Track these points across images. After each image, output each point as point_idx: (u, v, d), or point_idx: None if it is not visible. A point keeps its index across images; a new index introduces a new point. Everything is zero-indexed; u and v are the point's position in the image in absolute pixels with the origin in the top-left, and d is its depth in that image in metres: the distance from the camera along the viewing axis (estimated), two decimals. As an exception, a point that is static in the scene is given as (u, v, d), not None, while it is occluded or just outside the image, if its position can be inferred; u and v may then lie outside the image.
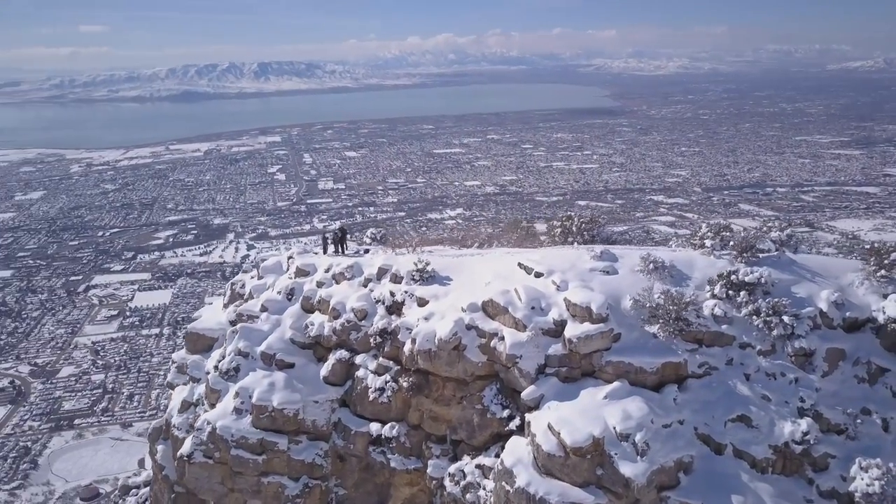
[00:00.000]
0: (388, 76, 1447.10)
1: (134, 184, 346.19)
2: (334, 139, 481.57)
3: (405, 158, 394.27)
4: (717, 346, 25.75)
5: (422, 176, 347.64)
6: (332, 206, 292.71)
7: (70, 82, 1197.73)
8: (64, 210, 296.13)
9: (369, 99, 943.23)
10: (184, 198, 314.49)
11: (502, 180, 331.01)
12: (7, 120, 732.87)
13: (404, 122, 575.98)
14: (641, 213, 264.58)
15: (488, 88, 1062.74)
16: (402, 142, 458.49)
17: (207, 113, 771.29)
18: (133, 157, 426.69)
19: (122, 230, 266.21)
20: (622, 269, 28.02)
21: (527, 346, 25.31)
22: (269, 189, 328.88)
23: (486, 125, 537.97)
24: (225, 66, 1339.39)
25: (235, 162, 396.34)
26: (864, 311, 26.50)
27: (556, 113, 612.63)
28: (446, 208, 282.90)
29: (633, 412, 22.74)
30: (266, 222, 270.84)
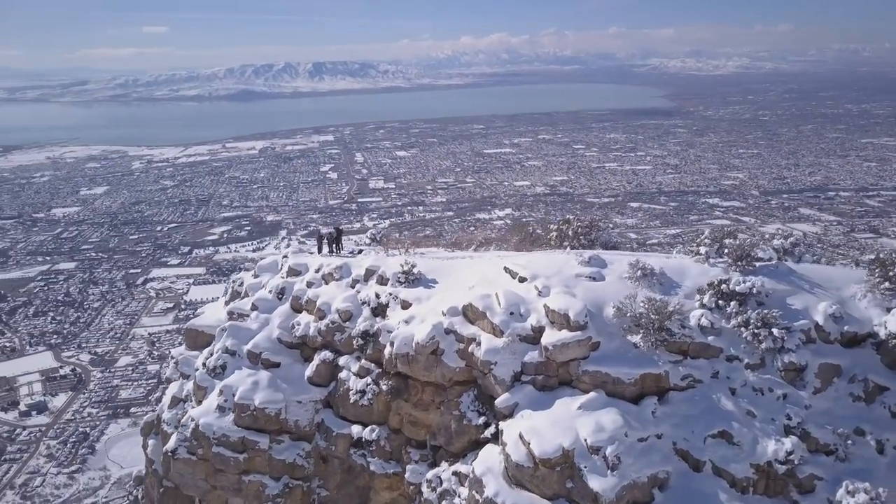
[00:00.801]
0: (441, 76, 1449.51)
1: (191, 180, 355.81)
2: (385, 139, 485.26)
3: (455, 158, 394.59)
4: (702, 359, 24.72)
5: (471, 176, 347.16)
6: (382, 204, 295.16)
7: (133, 82, 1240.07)
8: (125, 205, 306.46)
9: (421, 99, 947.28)
10: (238, 195, 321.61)
11: (553, 181, 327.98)
12: (75, 118, 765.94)
13: (455, 121, 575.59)
14: (695, 216, 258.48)
15: (540, 88, 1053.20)
16: (452, 141, 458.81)
17: (263, 112, 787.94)
18: (191, 154, 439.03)
19: (179, 225, 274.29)
20: (610, 275, 27.20)
21: (502, 352, 24.79)
22: (322, 187, 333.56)
23: (537, 125, 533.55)
24: (281, 65, 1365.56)
25: (289, 160, 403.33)
26: (865, 326, 25.05)
27: (609, 113, 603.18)
28: (495, 208, 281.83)
29: (607, 424, 22.02)
30: (317, 220, 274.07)
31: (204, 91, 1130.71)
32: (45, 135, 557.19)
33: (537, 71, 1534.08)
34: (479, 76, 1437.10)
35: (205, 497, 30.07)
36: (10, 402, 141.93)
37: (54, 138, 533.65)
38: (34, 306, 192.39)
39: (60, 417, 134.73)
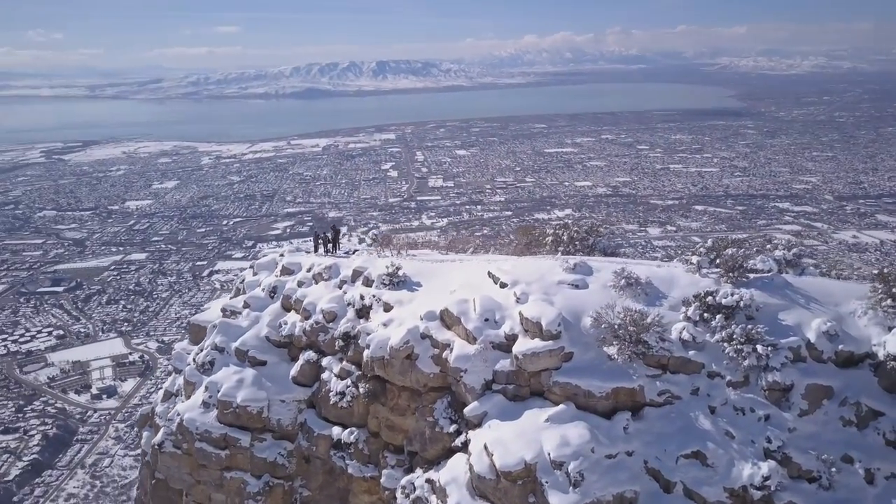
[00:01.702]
0: (503, 75, 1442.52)
1: (257, 176, 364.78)
2: (446, 137, 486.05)
3: (515, 157, 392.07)
4: (682, 374, 23.51)
5: (531, 175, 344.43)
6: (441, 203, 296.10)
7: (205, 80, 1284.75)
8: (194, 199, 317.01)
9: (483, 97, 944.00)
10: (301, 191, 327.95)
11: (615, 181, 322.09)
12: (149, 114, 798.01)
13: (516, 120, 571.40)
14: (764, 221, 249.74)
15: (604, 88, 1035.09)
16: (512, 140, 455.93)
17: (327, 110, 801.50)
18: (257, 150, 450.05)
19: (244, 220, 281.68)
20: (594, 283, 26.18)
21: (474, 359, 24.23)
22: (382, 185, 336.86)
23: (600, 125, 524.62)
24: (345, 64, 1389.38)
25: (351, 158, 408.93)
26: (863, 345, 23.31)
27: (675, 113, 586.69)
28: (555, 209, 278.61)
29: (572, 439, 21.28)
30: (377, 217, 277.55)
31: (271, 89, 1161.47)
32: (121, 130, 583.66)
33: (602, 70, 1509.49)
34: (542, 75, 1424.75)
35: (190, 491, 30.56)
36: (83, 386, 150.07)
37: (130, 134, 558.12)
38: (107, 294, 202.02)
39: (128, 402, 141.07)
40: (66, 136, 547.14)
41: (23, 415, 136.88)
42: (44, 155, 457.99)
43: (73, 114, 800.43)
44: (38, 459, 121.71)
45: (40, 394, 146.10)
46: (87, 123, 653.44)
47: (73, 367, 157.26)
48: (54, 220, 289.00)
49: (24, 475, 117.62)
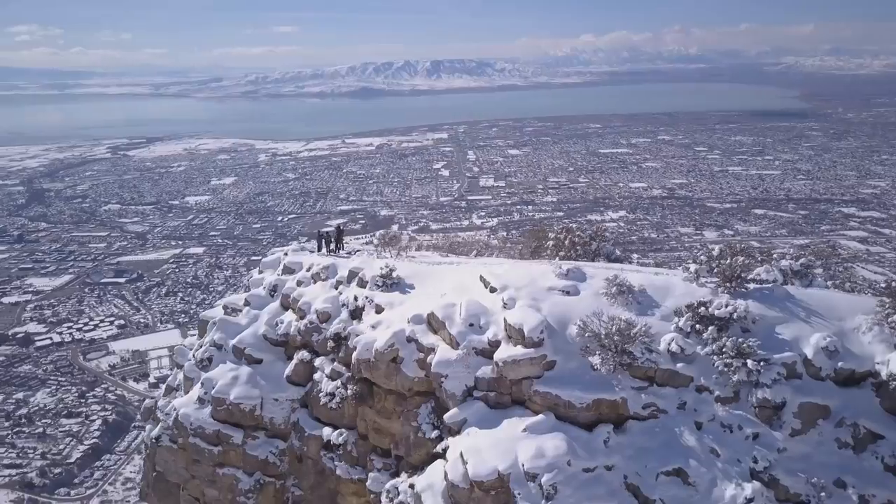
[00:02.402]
0: (558, 74, 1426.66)
1: (311, 174, 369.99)
2: (498, 137, 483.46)
3: (568, 157, 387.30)
4: (670, 387, 22.56)
5: (584, 176, 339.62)
6: (492, 203, 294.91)
7: (263, 79, 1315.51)
8: (250, 195, 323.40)
9: (537, 97, 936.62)
10: (355, 189, 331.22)
11: (671, 183, 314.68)
12: (210, 112, 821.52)
13: (570, 120, 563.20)
14: (827, 227, 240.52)
15: (662, 88, 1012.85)
16: (566, 140, 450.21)
17: (381, 109, 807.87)
18: (312, 148, 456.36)
19: (298, 216, 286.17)
20: (586, 290, 25.38)
21: (455, 364, 23.79)
22: (433, 184, 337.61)
23: (657, 125, 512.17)
24: (400, 63, 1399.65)
25: (404, 157, 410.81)
26: (865, 363, 21.91)
27: (735, 114, 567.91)
28: (608, 210, 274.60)
29: (548, 450, 20.66)
30: (428, 216, 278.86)
31: (327, 88, 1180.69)
32: (183, 128, 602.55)
33: (659, 70, 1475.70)
34: (598, 74, 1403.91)
35: (186, 485, 31.06)
36: (141, 374, 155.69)
37: (191, 131, 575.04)
38: (166, 287, 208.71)
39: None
40: (131, 132, 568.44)
41: (85, 400, 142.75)
42: (110, 151, 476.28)
43: (138, 111, 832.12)
44: (98, 444, 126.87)
45: (101, 381, 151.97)
46: (150, 121, 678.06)
47: (132, 356, 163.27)
48: (118, 213, 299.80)
49: (85, 458, 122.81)
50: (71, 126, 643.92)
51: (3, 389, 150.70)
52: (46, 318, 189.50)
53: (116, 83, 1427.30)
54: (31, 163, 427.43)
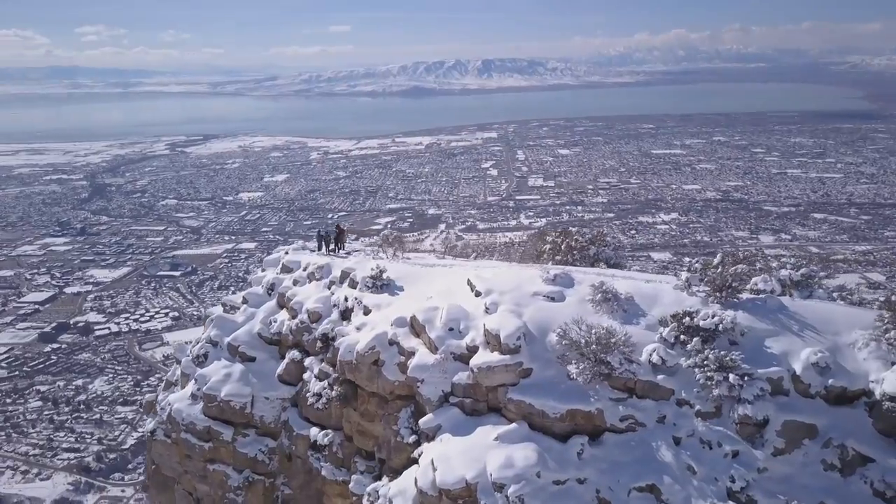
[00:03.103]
0: (611, 74, 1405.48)
1: (362, 172, 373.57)
2: (549, 136, 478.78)
3: (620, 158, 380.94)
4: (650, 399, 21.68)
5: (636, 177, 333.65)
6: (540, 203, 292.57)
7: (316, 78, 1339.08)
8: (302, 192, 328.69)
9: (589, 96, 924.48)
10: (403, 188, 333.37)
11: (726, 186, 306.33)
12: (264, 111, 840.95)
13: (623, 120, 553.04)
14: (892, 232, 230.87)
15: (719, 87, 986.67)
16: (618, 141, 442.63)
17: (432, 108, 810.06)
18: (363, 147, 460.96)
19: (348, 214, 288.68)
20: (572, 296, 24.63)
21: (432, 369, 23.40)
22: (482, 183, 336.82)
23: (712, 126, 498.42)
24: (451, 63, 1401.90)
25: (453, 156, 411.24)
26: (858, 381, 20.63)
27: (795, 115, 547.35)
28: (660, 212, 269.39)
29: (518, 460, 20.14)
30: (475, 215, 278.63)
31: (378, 87, 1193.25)
32: (238, 125, 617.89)
33: (717, 69, 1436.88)
34: (652, 74, 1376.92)
35: (179, 479, 31.54)
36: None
37: (246, 129, 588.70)
38: (218, 280, 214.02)
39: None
40: (189, 129, 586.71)
41: (139, 389, 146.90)
42: (168, 147, 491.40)
43: (196, 109, 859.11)
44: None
45: (155, 370, 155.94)
46: (208, 118, 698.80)
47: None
48: (175, 208, 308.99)
49: (138, 445, 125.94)
50: (132, 123, 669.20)
51: (63, 376, 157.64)
52: (105, 308, 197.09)
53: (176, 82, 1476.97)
54: (94, 158, 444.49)
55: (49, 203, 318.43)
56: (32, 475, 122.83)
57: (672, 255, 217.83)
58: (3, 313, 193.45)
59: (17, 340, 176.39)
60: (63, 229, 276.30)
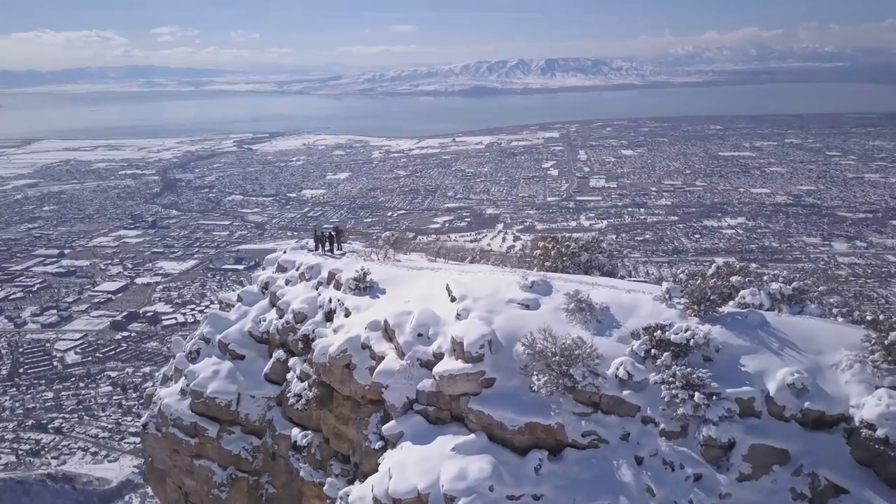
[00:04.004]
0: (678, 73, 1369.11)
1: (421, 171, 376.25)
2: (612, 137, 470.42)
3: (685, 159, 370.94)
4: (615, 415, 20.68)
5: (702, 179, 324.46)
6: (601, 204, 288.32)
7: (379, 77, 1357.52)
8: (363, 190, 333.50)
9: (654, 96, 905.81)
10: (462, 187, 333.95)
11: (797, 190, 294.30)
12: (328, 109, 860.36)
13: (689, 121, 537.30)
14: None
15: (793, 88, 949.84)
16: (684, 142, 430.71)
17: (493, 108, 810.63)
18: (423, 146, 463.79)
19: (407, 212, 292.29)
20: (548, 304, 23.73)
21: (397, 375, 22.95)
22: (541, 184, 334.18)
23: (784, 128, 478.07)
24: (514, 62, 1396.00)
25: (513, 156, 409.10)
26: (838, 405, 19.13)
27: (875, 117, 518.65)
28: (726, 216, 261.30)
29: (471, 473, 19.49)
30: (534, 216, 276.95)
31: (440, 87, 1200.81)
32: (303, 124, 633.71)
33: (791, 68, 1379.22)
34: (721, 74, 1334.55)
35: (169, 472, 32.10)
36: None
37: (310, 127, 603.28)
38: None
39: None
40: (256, 127, 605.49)
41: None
42: (236, 144, 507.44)
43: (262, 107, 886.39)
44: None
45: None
46: (274, 116, 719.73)
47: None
48: (240, 204, 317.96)
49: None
50: (203, 121, 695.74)
51: (132, 363, 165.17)
52: (173, 299, 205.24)
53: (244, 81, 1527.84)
54: (166, 154, 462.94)
55: (123, 197, 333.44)
56: (101, 457, 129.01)
57: (738, 260, 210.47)
58: (79, 301, 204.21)
59: (90, 327, 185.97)
60: (136, 222, 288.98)
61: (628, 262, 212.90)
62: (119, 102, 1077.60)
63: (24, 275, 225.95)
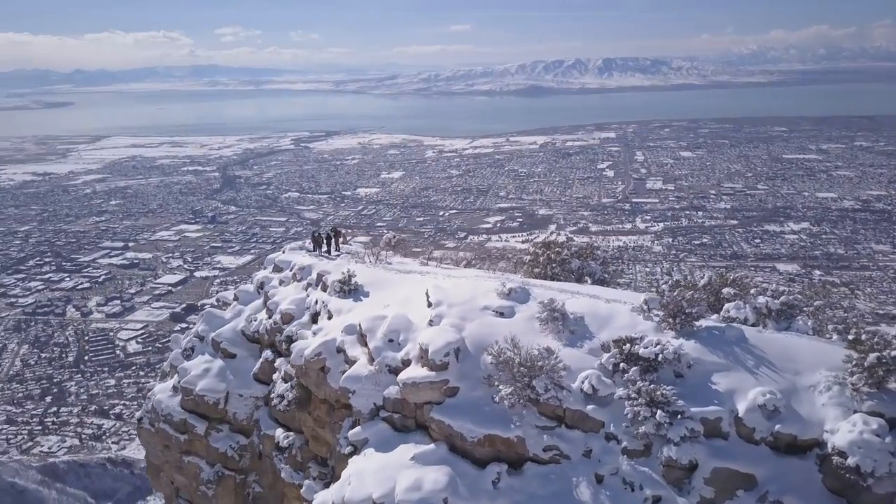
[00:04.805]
0: (741, 73, 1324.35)
1: (474, 171, 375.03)
2: (670, 138, 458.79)
3: (747, 162, 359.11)
4: (578, 430, 19.87)
5: (764, 182, 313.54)
6: (658, 206, 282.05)
7: (435, 77, 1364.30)
8: (416, 189, 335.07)
9: (716, 97, 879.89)
10: (515, 187, 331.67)
11: (866, 195, 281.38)
12: (384, 109, 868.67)
13: (752, 122, 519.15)
14: None
15: (864, 88, 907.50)
16: (745, 144, 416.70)
17: (548, 107, 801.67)
18: (477, 146, 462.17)
19: (459, 212, 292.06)
20: (523, 312, 23.04)
21: (364, 381, 22.63)
22: (596, 185, 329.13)
23: (853, 130, 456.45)
24: (571, 62, 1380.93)
25: (567, 156, 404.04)
26: (811, 429, 17.90)
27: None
28: (789, 221, 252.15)
29: (426, 484, 19.01)
30: (588, 217, 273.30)
31: (495, 86, 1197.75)
32: (358, 123, 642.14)
33: (863, 68, 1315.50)
34: (788, 73, 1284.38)
35: (163, 467, 32.60)
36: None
37: (365, 126, 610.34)
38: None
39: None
40: (313, 126, 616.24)
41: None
42: (293, 142, 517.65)
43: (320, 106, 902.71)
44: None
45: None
46: (330, 115, 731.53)
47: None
48: (296, 201, 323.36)
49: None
50: (262, 119, 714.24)
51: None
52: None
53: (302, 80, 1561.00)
54: (226, 151, 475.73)
55: (185, 192, 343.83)
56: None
57: (800, 266, 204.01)
58: (141, 292, 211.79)
59: (151, 318, 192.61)
60: (196, 217, 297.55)
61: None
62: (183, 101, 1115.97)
63: (91, 266, 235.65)
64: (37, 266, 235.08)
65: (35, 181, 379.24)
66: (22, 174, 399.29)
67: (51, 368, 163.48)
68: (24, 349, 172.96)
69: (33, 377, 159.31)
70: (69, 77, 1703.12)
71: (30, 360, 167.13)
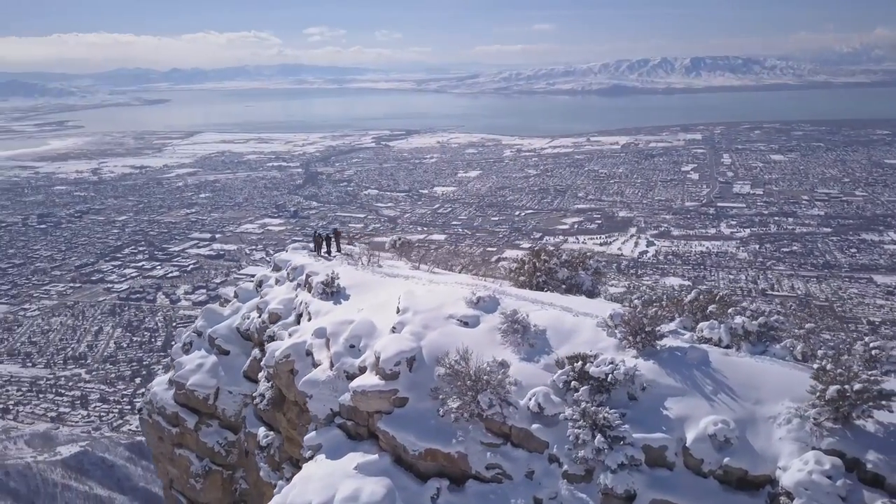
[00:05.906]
0: (841, 73, 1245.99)
1: (552, 171, 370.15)
2: (760, 140, 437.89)
3: (844, 166, 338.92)
4: (523, 450, 18.90)
5: (862, 188, 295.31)
6: (745, 211, 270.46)
7: (516, 76, 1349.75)
8: (492, 189, 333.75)
9: (812, 98, 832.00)
10: (594, 188, 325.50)
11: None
12: (464, 108, 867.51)
13: (851, 124, 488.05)
14: None
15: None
16: (843, 147, 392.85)
17: (631, 107, 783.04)
18: (556, 146, 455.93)
19: (535, 212, 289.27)
20: (487, 323, 22.15)
21: (322, 385, 22.30)
22: (680, 187, 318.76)
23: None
24: (657, 61, 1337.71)
25: (650, 157, 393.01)
26: (764, 465, 16.24)
27: None
28: (889, 230, 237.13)
29: (364, 495, 18.64)
30: (670, 221, 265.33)
31: (577, 85, 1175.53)
32: (438, 122, 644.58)
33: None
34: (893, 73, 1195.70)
35: (158, 458, 33.36)
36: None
37: (445, 125, 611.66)
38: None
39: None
40: (393, 124, 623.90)
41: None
42: (374, 140, 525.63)
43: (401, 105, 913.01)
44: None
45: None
46: (411, 114, 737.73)
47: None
48: (375, 198, 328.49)
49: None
50: (344, 117, 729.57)
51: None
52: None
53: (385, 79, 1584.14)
54: (310, 148, 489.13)
55: (269, 187, 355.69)
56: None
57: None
58: (225, 283, 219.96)
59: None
60: (279, 211, 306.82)
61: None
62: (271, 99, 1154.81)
63: (181, 255, 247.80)
64: (131, 254, 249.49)
65: (133, 174, 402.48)
66: (122, 167, 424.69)
67: (141, 352, 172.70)
68: (117, 332, 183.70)
69: (125, 359, 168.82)
70: (167, 76, 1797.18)
71: (122, 343, 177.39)
